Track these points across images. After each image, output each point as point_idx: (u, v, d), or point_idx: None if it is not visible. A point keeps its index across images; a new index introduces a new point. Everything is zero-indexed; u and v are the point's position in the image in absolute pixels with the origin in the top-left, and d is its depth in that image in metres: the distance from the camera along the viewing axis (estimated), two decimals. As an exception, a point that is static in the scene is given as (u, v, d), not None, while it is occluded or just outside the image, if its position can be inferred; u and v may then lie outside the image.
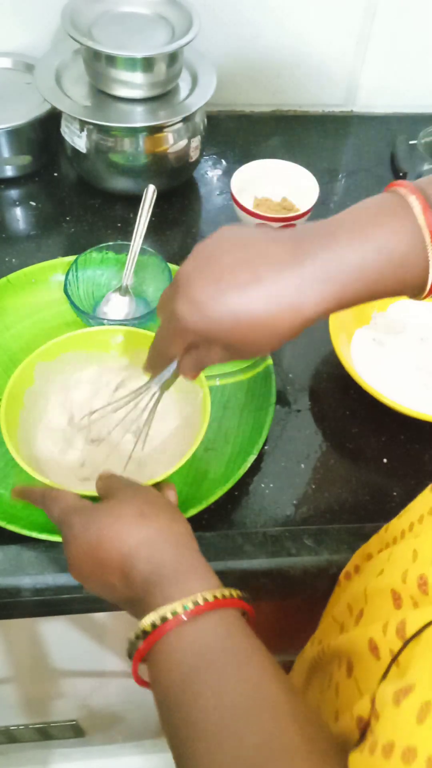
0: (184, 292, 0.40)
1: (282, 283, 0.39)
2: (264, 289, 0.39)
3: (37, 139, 0.85)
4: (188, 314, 0.40)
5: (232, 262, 0.40)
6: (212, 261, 0.40)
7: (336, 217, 0.42)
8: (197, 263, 0.41)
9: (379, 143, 0.96)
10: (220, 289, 0.39)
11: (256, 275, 0.39)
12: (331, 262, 0.39)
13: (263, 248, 0.40)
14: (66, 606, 0.56)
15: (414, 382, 0.67)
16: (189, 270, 0.41)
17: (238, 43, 0.92)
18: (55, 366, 0.62)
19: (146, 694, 0.39)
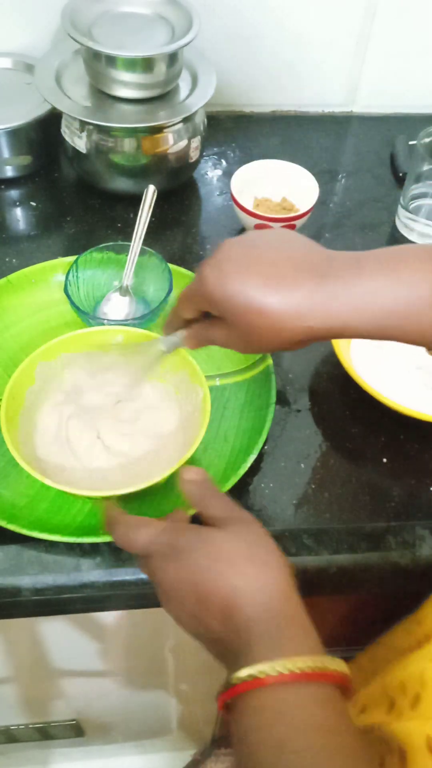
0: (217, 260, 0.43)
1: (301, 287, 0.41)
2: (282, 288, 0.41)
3: (37, 139, 0.85)
4: (211, 279, 0.43)
5: (270, 254, 0.43)
6: (254, 247, 0.43)
7: (377, 249, 0.44)
8: (241, 243, 0.44)
9: (379, 143, 0.96)
10: (248, 271, 0.42)
11: (283, 273, 0.42)
12: (349, 286, 0.41)
13: (303, 254, 0.43)
14: (66, 606, 0.56)
15: (414, 382, 0.67)
16: (232, 245, 0.44)
17: (238, 43, 0.92)
18: (56, 365, 0.62)
19: (146, 693, 0.39)
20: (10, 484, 0.59)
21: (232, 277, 0.42)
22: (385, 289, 0.41)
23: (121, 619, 0.73)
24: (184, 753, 1.17)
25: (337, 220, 0.86)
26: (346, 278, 0.41)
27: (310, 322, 0.41)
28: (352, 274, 0.41)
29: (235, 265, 0.42)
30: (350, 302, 0.41)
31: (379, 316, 0.41)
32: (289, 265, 0.42)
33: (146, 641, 0.79)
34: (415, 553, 0.57)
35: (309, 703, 0.35)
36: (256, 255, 0.43)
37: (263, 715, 0.35)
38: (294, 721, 0.34)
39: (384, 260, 0.42)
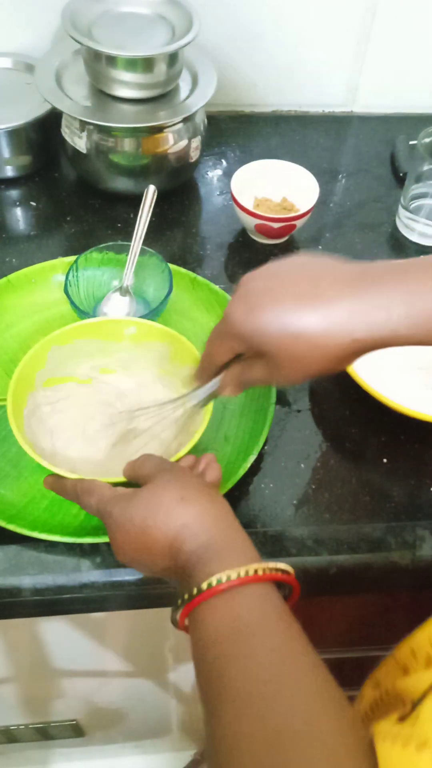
0: (240, 295, 0.41)
1: (339, 302, 0.39)
2: (320, 305, 0.39)
3: (37, 139, 0.85)
4: (239, 316, 0.41)
5: (296, 276, 0.41)
6: (277, 273, 0.41)
7: (415, 258, 0.42)
8: (262, 273, 0.42)
9: (379, 143, 0.96)
10: (275, 297, 0.40)
11: (316, 290, 0.39)
12: (393, 293, 0.39)
13: (331, 268, 0.41)
14: (66, 606, 0.56)
15: (414, 382, 0.67)
16: (252, 277, 0.42)
17: (238, 43, 0.92)
18: (67, 351, 0.62)
19: (146, 694, 0.40)
20: (10, 484, 0.59)
21: (260, 308, 0.40)
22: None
23: (121, 619, 0.73)
24: (184, 753, 1.17)
25: (337, 220, 0.86)
26: (390, 285, 0.39)
27: (356, 334, 0.39)
28: (395, 280, 0.39)
29: (261, 295, 0.40)
30: (398, 308, 0.38)
31: (429, 323, 0.39)
32: (319, 281, 0.40)
33: (146, 641, 0.79)
34: (415, 553, 0.57)
35: (250, 602, 0.39)
36: (280, 280, 0.41)
37: (206, 622, 0.39)
38: (236, 616, 0.38)
39: (426, 266, 0.40)
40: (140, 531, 0.44)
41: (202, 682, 0.38)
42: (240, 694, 0.34)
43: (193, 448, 0.61)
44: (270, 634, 0.37)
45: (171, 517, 0.43)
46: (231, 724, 0.33)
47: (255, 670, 0.35)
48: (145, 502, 0.45)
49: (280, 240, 0.81)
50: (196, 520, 0.43)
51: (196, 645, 0.39)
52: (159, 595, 0.57)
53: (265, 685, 0.34)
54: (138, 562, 0.46)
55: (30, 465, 0.60)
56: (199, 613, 0.39)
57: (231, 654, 0.36)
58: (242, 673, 0.35)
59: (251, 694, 0.34)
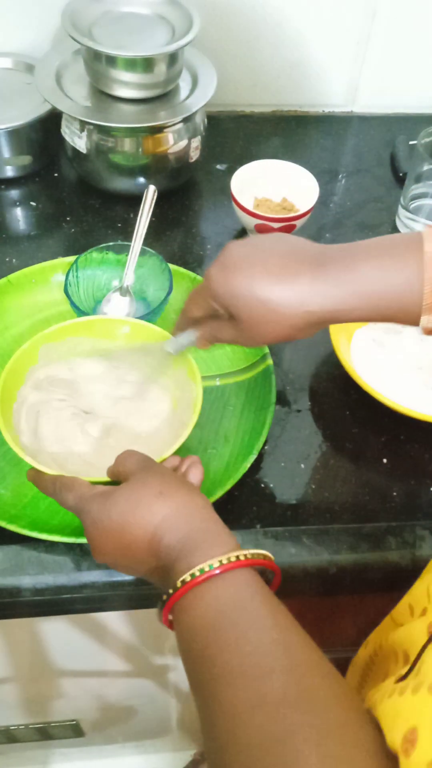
0: (222, 261, 0.48)
1: (301, 276, 0.45)
2: (284, 279, 0.46)
3: (37, 139, 0.85)
4: (218, 279, 0.47)
5: (271, 251, 0.47)
6: (255, 247, 0.48)
7: (367, 240, 0.47)
8: (244, 244, 0.48)
9: (379, 143, 0.96)
10: (251, 268, 0.46)
11: (283, 267, 0.46)
12: (345, 272, 0.45)
13: (300, 249, 0.47)
14: (66, 606, 0.56)
15: (414, 382, 0.67)
16: (235, 247, 0.48)
17: (238, 43, 0.92)
18: (61, 348, 0.62)
19: (146, 694, 0.39)
20: (10, 484, 0.59)
21: (236, 275, 0.46)
22: (376, 274, 0.44)
23: (120, 619, 0.73)
24: (184, 753, 1.17)
25: (337, 220, 0.86)
26: (341, 266, 0.45)
27: (310, 307, 0.45)
28: (346, 262, 0.45)
29: (239, 264, 0.47)
30: (346, 287, 0.45)
31: (373, 299, 0.45)
32: (288, 259, 0.46)
33: (146, 641, 0.79)
34: (415, 553, 0.57)
35: (232, 589, 0.39)
36: (258, 253, 0.47)
37: (192, 612, 0.39)
38: (221, 603, 0.38)
39: (374, 248, 0.46)
40: (119, 528, 0.44)
41: (192, 672, 0.38)
42: (235, 676, 0.34)
43: (193, 449, 0.61)
44: (258, 615, 0.38)
45: (150, 512, 0.43)
46: (230, 706, 0.33)
47: (248, 650, 0.35)
48: (124, 498, 0.45)
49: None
50: (174, 513, 0.43)
51: (183, 636, 0.39)
52: (159, 594, 0.57)
53: (260, 663, 0.34)
54: (117, 562, 0.45)
55: (30, 465, 0.60)
56: (183, 605, 0.40)
57: (222, 638, 0.37)
58: (235, 656, 0.35)
59: (246, 674, 0.34)
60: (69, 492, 0.48)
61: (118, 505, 0.44)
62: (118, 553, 0.44)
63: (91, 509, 0.45)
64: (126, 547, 0.44)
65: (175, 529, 0.43)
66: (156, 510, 0.43)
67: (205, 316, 0.52)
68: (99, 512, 0.45)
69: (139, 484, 0.46)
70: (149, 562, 0.43)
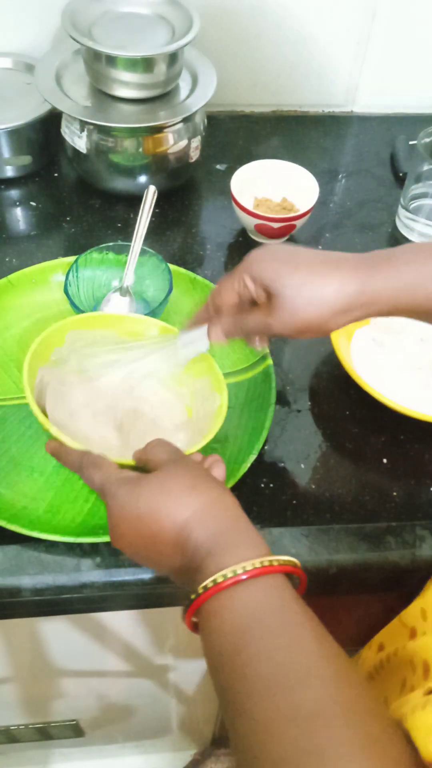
0: (265, 248, 0.49)
1: (340, 267, 0.46)
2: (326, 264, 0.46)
3: (37, 139, 0.85)
4: (259, 256, 0.48)
5: (311, 254, 0.48)
6: (298, 250, 0.49)
7: (396, 248, 0.49)
8: (287, 245, 0.51)
9: (379, 143, 0.96)
10: (290, 254, 0.48)
11: (323, 262, 0.47)
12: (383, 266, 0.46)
13: (337, 254, 0.48)
14: (66, 606, 0.56)
15: (414, 382, 0.67)
16: (269, 246, 0.50)
17: (238, 43, 0.92)
18: (87, 336, 0.62)
19: (146, 694, 0.39)
20: (10, 484, 0.59)
21: (279, 258, 0.47)
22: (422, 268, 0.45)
23: (120, 619, 0.73)
24: (184, 753, 1.17)
25: (337, 220, 0.86)
26: (384, 262, 0.46)
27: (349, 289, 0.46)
28: (391, 261, 0.46)
29: (282, 251, 0.48)
30: (389, 280, 0.45)
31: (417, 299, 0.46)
32: (326, 257, 0.47)
33: (146, 641, 0.79)
34: (415, 553, 0.57)
35: (262, 595, 0.38)
36: (298, 254, 0.48)
37: (222, 616, 0.38)
38: (251, 610, 0.37)
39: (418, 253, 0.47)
40: (147, 517, 0.42)
41: (221, 680, 0.37)
42: (268, 687, 0.33)
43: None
44: (291, 623, 0.37)
45: (181, 504, 0.42)
46: (262, 718, 0.33)
47: (280, 659, 0.34)
48: (156, 487, 0.43)
49: (280, 240, 0.81)
50: (205, 509, 0.42)
51: (210, 642, 0.38)
52: (159, 594, 0.57)
53: (293, 674, 0.34)
54: (139, 552, 0.44)
55: (30, 465, 0.60)
56: (212, 606, 0.38)
57: (253, 646, 0.35)
58: (267, 665, 0.34)
59: (279, 684, 0.33)
60: (97, 470, 0.47)
61: (149, 494, 0.43)
62: (141, 543, 0.43)
63: (117, 493, 0.44)
64: (151, 538, 0.42)
65: (205, 526, 0.41)
66: (187, 503, 0.42)
67: (233, 305, 0.50)
68: (127, 497, 0.43)
69: (171, 475, 0.44)
70: (173, 557, 0.42)
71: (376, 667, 0.48)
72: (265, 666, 0.34)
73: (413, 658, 0.42)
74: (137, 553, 0.44)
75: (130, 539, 0.43)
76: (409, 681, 0.41)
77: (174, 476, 0.44)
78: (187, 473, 0.45)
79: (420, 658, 0.41)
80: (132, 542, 0.43)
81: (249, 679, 0.34)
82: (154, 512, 0.42)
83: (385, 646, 0.50)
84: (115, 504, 0.44)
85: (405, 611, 0.49)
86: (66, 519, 0.57)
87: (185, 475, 0.44)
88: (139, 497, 0.43)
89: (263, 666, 0.34)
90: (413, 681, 0.41)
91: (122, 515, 0.43)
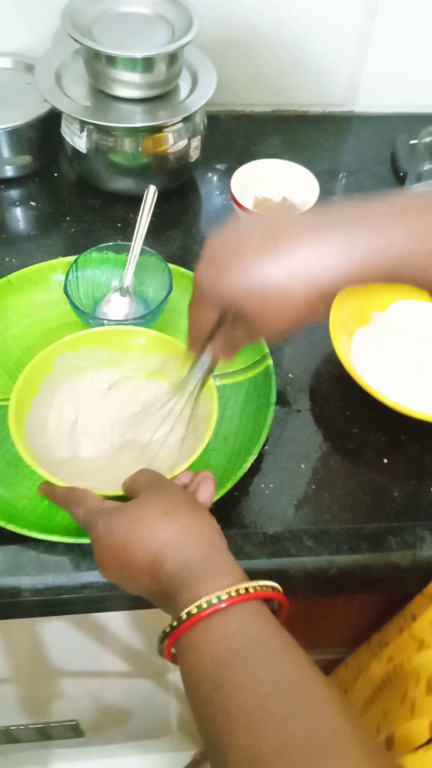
0: (206, 259, 0.42)
1: (300, 252, 0.39)
2: (281, 255, 0.39)
3: (37, 139, 0.85)
4: (206, 280, 0.41)
5: (256, 232, 0.41)
6: (239, 232, 0.41)
7: (371, 198, 0.41)
8: (225, 232, 0.42)
9: (379, 143, 0.96)
10: (238, 256, 0.40)
11: (277, 244, 0.39)
12: (353, 233, 0.39)
13: (289, 220, 0.41)
14: (66, 606, 0.56)
15: (414, 382, 0.67)
16: (216, 238, 0.42)
17: (238, 43, 0.92)
18: (74, 359, 0.62)
19: (146, 694, 0.39)
20: (10, 484, 0.59)
21: (225, 270, 0.40)
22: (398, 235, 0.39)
23: (120, 619, 0.73)
24: (184, 753, 1.17)
25: (337, 220, 0.86)
26: (350, 226, 0.39)
27: (319, 274, 0.39)
28: (355, 222, 0.40)
29: (225, 256, 0.41)
30: (359, 248, 0.39)
31: (393, 261, 0.39)
32: (278, 232, 0.40)
33: (146, 641, 0.79)
34: (415, 554, 0.57)
35: (239, 624, 0.37)
36: (242, 238, 0.41)
37: (199, 648, 0.37)
38: (229, 639, 0.36)
39: (388, 209, 0.40)
40: (121, 546, 0.42)
41: (202, 714, 0.35)
42: (252, 718, 0.32)
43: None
44: (271, 651, 0.35)
45: (152, 533, 0.42)
46: (248, 749, 0.31)
47: (264, 690, 0.33)
48: (129, 516, 0.43)
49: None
50: (177, 536, 0.41)
51: (189, 675, 0.37)
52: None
53: (279, 705, 0.32)
54: (121, 579, 0.44)
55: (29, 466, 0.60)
56: (188, 639, 0.37)
57: (233, 678, 0.34)
58: (250, 697, 0.33)
59: (265, 717, 0.32)
60: (79, 505, 0.47)
61: (122, 523, 0.43)
62: (120, 572, 0.43)
63: (96, 524, 0.44)
64: (127, 567, 0.42)
65: (178, 555, 0.41)
66: (159, 532, 0.42)
67: (213, 324, 0.45)
68: (103, 528, 0.43)
69: (145, 503, 0.44)
70: (150, 585, 0.42)
71: (383, 680, 0.48)
72: (248, 698, 0.33)
73: (419, 671, 0.41)
74: (120, 582, 0.44)
75: (112, 569, 0.43)
76: (410, 694, 0.41)
77: (147, 504, 0.44)
78: (160, 500, 0.44)
79: (425, 672, 0.40)
80: (113, 571, 0.43)
81: (232, 711, 0.33)
82: (127, 542, 0.42)
83: (393, 657, 0.49)
84: (94, 536, 0.44)
85: (416, 624, 0.48)
86: (66, 519, 0.57)
87: (158, 502, 0.44)
88: (114, 527, 0.43)
89: (247, 698, 0.33)
90: (414, 694, 0.40)
91: (100, 546, 0.43)
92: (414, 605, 0.56)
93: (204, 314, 0.44)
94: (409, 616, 0.56)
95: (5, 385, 0.65)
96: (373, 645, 0.63)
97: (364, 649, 0.65)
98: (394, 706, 0.43)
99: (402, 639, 0.50)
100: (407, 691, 0.42)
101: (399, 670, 0.45)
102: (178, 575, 0.40)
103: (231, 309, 0.42)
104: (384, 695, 0.47)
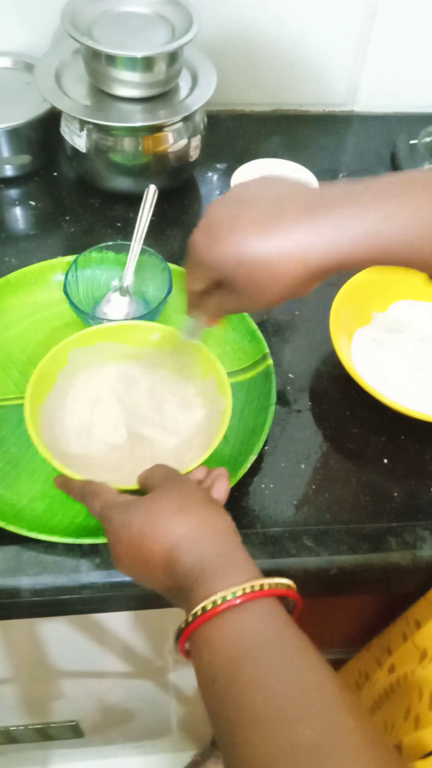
0: (204, 225, 0.42)
1: (297, 225, 0.39)
2: (276, 235, 0.39)
3: (36, 138, 0.85)
4: (201, 247, 0.42)
5: (259, 202, 0.41)
6: (239, 200, 0.42)
7: (368, 178, 0.41)
8: (226, 200, 0.42)
9: (379, 143, 0.96)
10: (235, 225, 0.40)
11: (272, 221, 0.40)
12: (347, 217, 0.39)
13: (294, 193, 0.41)
14: (66, 606, 0.56)
15: (414, 382, 0.67)
16: (217, 205, 0.42)
17: (238, 43, 0.91)
18: (89, 353, 0.62)
19: (146, 695, 0.39)
20: (10, 484, 0.59)
21: (220, 238, 0.41)
22: (390, 216, 0.39)
23: (120, 619, 0.73)
24: (184, 754, 1.17)
25: (337, 220, 0.85)
26: (348, 206, 0.39)
27: (312, 255, 0.39)
28: (353, 202, 0.40)
29: (222, 224, 0.41)
30: (356, 229, 0.39)
31: (385, 243, 0.39)
32: (280, 204, 0.40)
33: (146, 642, 0.79)
34: (415, 554, 0.57)
35: (255, 620, 0.37)
36: (244, 205, 0.41)
37: (213, 643, 0.37)
38: (243, 636, 0.36)
39: (385, 188, 0.40)
40: (137, 540, 0.42)
41: (215, 710, 0.35)
42: (263, 717, 0.32)
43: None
44: (285, 651, 0.35)
45: (168, 528, 0.42)
46: (258, 749, 0.31)
47: (276, 689, 0.33)
48: (144, 510, 0.43)
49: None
50: (193, 531, 0.42)
51: (203, 669, 0.37)
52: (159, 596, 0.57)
53: (290, 705, 0.32)
54: (136, 574, 0.44)
55: (29, 466, 0.60)
56: (202, 634, 0.37)
57: (246, 675, 0.34)
58: (262, 696, 0.33)
59: (276, 717, 0.32)
60: (95, 498, 0.47)
61: (138, 517, 0.43)
62: (135, 566, 0.43)
63: (112, 517, 0.44)
64: (143, 560, 0.42)
65: (193, 550, 0.41)
66: (174, 527, 0.42)
67: (207, 288, 0.46)
68: (119, 521, 0.43)
69: (160, 497, 0.44)
70: (165, 581, 0.42)
71: (386, 690, 0.48)
72: (261, 696, 0.33)
73: (422, 686, 0.41)
74: (135, 576, 0.44)
75: (126, 562, 0.44)
76: (414, 708, 0.41)
77: (163, 499, 0.44)
78: (177, 495, 0.44)
79: (427, 686, 0.40)
80: (129, 565, 0.44)
81: (244, 709, 0.33)
82: (142, 536, 0.42)
83: (396, 668, 0.49)
84: (110, 528, 0.44)
85: (419, 634, 0.48)
86: (65, 520, 0.57)
87: (174, 497, 0.44)
88: (130, 521, 0.43)
89: (259, 696, 0.33)
90: (418, 709, 0.40)
91: (116, 539, 0.43)
92: (418, 610, 0.56)
93: (198, 276, 0.45)
94: (413, 622, 0.55)
95: (5, 385, 0.65)
96: (375, 649, 0.63)
97: (365, 653, 0.65)
98: (398, 720, 0.43)
99: (405, 648, 0.49)
100: (411, 705, 0.42)
101: (402, 682, 0.45)
102: (192, 571, 0.40)
103: (222, 278, 0.43)
104: (387, 706, 0.47)
